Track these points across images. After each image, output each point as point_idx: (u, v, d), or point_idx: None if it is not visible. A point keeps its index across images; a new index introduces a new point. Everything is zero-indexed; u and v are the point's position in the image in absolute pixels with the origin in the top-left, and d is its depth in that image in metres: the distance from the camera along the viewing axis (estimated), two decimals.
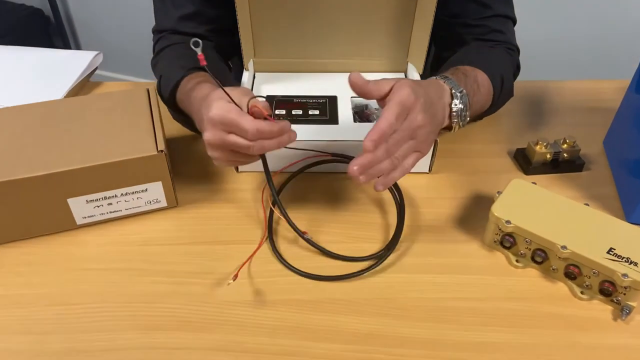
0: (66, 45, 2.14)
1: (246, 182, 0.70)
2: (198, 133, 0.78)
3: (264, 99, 0.56)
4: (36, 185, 0.57)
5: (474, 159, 0.74)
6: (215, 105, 0.54)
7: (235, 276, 0.56)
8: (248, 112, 0.54)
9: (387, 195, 0.67)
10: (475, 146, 0.77)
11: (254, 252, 0.59)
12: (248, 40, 0.81)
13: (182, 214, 0.65)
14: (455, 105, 0.62)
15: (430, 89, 0.60)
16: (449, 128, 0.65)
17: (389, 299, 0.55)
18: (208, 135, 0.55)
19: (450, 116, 0.63)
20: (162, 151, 0.60)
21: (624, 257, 0.53)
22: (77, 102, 0.68)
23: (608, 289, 0.53)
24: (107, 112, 0.66)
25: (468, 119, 0.65)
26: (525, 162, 0.71)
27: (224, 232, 0.63)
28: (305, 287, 0.56)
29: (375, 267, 0.58)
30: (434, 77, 0.65)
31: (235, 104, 0.54)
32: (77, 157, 0.59)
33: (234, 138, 0.54)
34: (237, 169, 0.72)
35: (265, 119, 0.53)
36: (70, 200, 0.60)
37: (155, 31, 0.80)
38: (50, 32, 2.16)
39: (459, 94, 0.63)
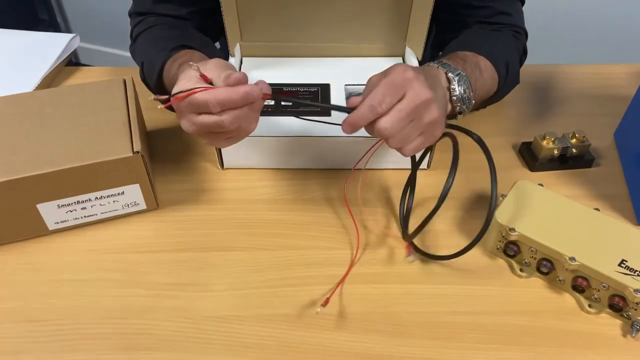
0: (51, 17, 2.04)
1: (232, 180, 0.66)
2: None
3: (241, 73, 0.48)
4: (1, 191, 0.52)
5: (476, 153, 0.69)
6: (176, 87, 0.48)
7: (326, 302, 0.51)
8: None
9: None
10: None
11: (346, 273, 0.54)
12: (233, 23, 0.74)
13: (163, 217, 0.61)
14: (454, 89, 0.58)
15: (426, 71, 0.55)
16: (454, 115, 0.61)
17: (382, 313, 0.52)
18: (182, 122, 0.50)
19: (452, 101, 0.59)
20: (138, 152, 0.55)
21: (636, 271, 0.49)
22: (46, 95, 0.63)
23: (618, 304, 0.50)
24: (79, 107, 0.61)
25: (473, 101, 0.61)
26: (531, 157, 0.67)
27: (209, 237, 0.59)
28: (292, 300, 0.53)
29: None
30: (429, 64, 0.60)
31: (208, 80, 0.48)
32: (46, 160, 0.54)
33: (202, 118, 0.48)
34: (222, 165, 0.67)
35: None
36: (40, 206, 0.55)
37: (132, 14, 0.74)
38: (34, 2, 2.07)
39: (455, 77, 0.58)
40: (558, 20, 1.50)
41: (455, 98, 0.58)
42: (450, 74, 0.58)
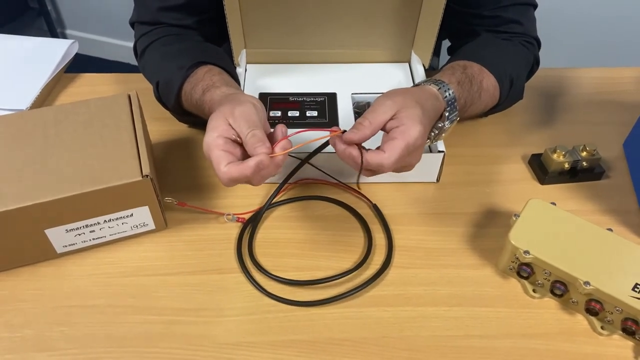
0: (41, 5, 1.99)
1: (241, 196, 0.65)
2: None
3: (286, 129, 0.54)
4: (7, 218, 0.51)
5: (486, 165, 0.69)
6: (204, 140, 0.51)
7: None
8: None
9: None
10: (487, 150, 0.71)
11: None
12: (238, 30, 0.73)
13: (173, 237, 0.60)
14: (437, 126, 0.58)
15: (432, 113, 0.56)
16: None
17: (397, 337, 0.52)
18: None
19: (431, 129, 0.59)
20: (147, 176, 0.54)
21: None
22: (49, 114, 0.61)
23: (631, 328, 0.50)
24: (84, 126, 0.59)
25: (444, 134, 0.61)
26: (541, 170, 0.66)
27: (219, 258, 0.58)
28: (304, 325, 0.53)
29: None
30: (438, 87, 0.58)
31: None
32: (52, 186, 0.53)
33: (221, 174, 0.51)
34: None
35: None
36: (48, 231, 0.55)
37: (135, 23, 0.72)
38: None
39: (448, 118, 0.58)
40: (559, 21, 1.46)
41: (432, 134, 0.59)
42: (447, 114, 0.58)
